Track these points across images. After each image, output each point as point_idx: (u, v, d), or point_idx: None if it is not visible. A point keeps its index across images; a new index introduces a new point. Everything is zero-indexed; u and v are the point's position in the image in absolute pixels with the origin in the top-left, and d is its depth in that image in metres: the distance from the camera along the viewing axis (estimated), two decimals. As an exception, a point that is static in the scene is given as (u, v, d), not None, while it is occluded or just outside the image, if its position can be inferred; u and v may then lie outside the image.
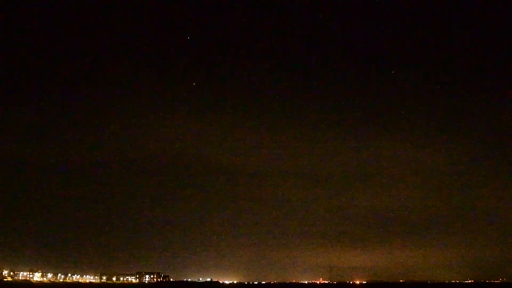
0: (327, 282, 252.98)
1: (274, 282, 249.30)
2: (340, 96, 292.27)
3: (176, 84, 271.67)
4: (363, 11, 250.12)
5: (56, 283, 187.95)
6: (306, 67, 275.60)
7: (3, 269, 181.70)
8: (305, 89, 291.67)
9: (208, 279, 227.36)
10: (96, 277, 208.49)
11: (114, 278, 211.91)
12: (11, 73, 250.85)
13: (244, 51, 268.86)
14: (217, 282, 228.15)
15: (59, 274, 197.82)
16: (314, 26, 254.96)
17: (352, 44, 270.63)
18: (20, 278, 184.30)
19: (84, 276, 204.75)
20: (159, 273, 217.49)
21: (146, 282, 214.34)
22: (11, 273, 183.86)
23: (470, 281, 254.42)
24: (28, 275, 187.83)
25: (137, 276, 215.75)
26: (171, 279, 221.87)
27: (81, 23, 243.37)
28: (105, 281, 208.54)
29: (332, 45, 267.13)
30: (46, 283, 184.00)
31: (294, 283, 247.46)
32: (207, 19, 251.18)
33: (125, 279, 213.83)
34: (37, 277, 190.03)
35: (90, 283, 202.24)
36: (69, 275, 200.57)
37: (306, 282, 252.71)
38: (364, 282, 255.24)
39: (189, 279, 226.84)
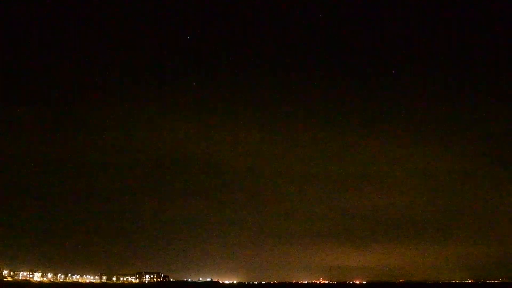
0: (327, 282, 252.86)
1: (274, 282, 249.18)
2: (340, 96, 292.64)
3: (176, 84, 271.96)
4: (363, 11, 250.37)
5: (56, 283, 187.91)
6: (306, 68, 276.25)
7: (3, 269, 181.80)
8: (306, 90, 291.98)
9: (208, 279, 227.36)
10: (96, 277, 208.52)
11: (114, 278, 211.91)
12: (11, 73, 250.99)
13: (244, 51, 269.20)
14: (217, 282, 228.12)
15: (59, 274, 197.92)
16: (314, 26, 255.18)
17: (352, 44, 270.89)
18: (20, 278, 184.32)
19: (84, 276, 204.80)
20: (159, 273, 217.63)
21: (146, 282, 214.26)
22: (11, 273, 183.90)
23: (470, 281, 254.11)
24: (28, 275, 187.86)
25: (137, 276, 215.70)
26: (171, 279, 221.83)
27: (81, 23, 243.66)
28: (105, 281, 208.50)
29: (332, 46, 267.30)
30: (46, 283, 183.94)
31: (294, 283, 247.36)
32: (207, 19, 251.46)
33: (125, 279, 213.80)
34: (37, 277, 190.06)
35: (90, 283, 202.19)
36: (69, 275, 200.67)
37: (306, 282, 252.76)
38: (364, 282, 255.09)
39: (189, 279, 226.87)
